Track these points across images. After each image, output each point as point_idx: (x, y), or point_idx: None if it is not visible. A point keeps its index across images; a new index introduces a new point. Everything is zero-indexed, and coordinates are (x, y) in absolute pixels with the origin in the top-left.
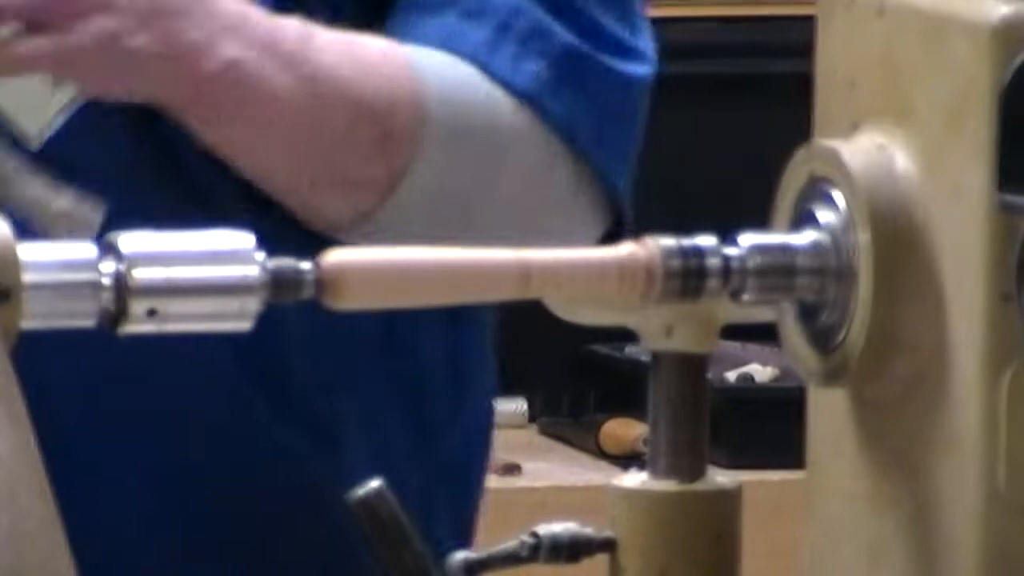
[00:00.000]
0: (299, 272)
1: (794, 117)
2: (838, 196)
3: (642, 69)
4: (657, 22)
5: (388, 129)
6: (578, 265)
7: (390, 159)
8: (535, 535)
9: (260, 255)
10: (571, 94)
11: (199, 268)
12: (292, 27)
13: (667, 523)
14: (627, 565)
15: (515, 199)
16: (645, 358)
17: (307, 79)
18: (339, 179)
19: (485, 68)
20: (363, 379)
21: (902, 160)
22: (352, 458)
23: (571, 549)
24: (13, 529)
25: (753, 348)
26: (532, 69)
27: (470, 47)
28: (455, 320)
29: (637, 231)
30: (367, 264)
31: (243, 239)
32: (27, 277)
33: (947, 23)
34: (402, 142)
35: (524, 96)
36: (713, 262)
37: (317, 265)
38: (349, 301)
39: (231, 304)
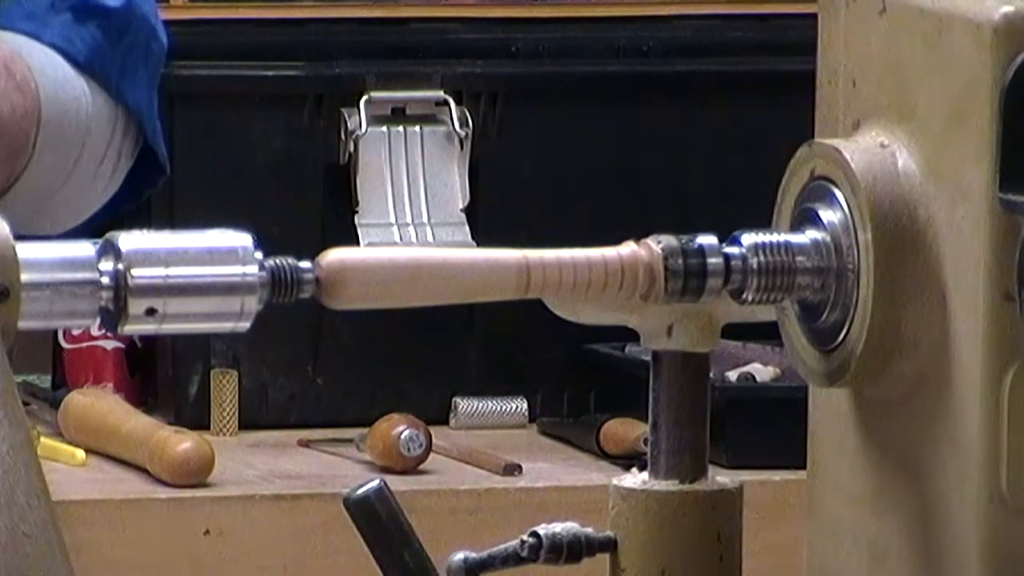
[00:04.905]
0: (299, 271)
1: (795, 116)
2: (839, 195)
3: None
4: (659, 20)
5: (11, 142)
6: (579, 265)
7: (9, 169)
8: (535, 535)
9: (259, 254)
10: (113, 52)
11: (198, 267)
12: None
13: (667, 523)
14: (627, 565)
15: (89, 174)
16: (645, 358)
17: None
18: None
19: (65, 53)
20: None
21: (904, 159)
22: None
23: (571, 549)
24: (12, 529)
25: (754, 347)
26: (88, 38)
27: (49, 33)
28: None
29: (638, 231)
30: (367, 263)
31: (242, 238)
32: (26, 276)
33: (949, 21)
34: (22, 152)
35: (89, 70)
36: (714, 261)
37: (317, 264)
38: (348, 301)
39: (231, 303)
